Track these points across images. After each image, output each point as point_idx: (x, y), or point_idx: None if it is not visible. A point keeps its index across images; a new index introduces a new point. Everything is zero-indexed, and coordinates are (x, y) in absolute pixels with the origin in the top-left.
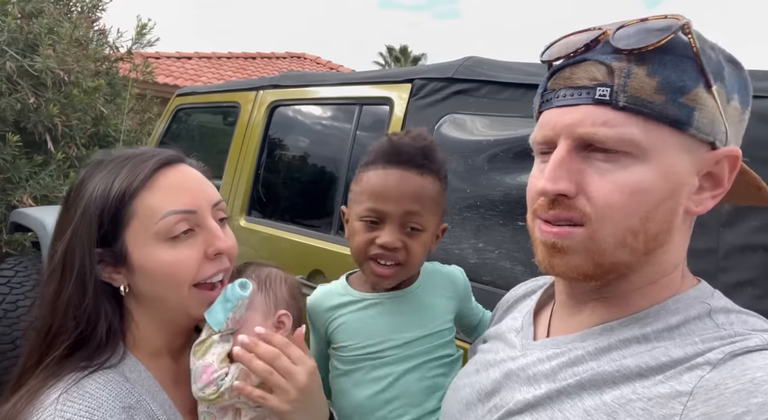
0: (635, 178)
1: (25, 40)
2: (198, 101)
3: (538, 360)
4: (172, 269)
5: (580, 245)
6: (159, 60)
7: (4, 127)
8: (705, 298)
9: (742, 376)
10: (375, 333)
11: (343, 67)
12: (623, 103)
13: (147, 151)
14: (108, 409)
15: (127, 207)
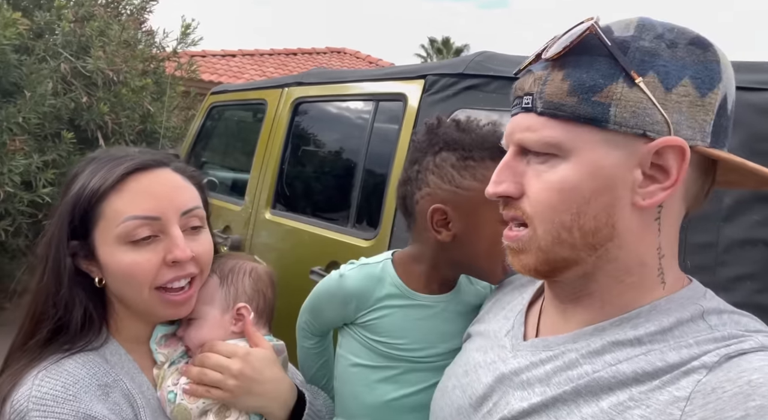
0: (561, 177)
1: (78, 42)
2: (230, 99)
3: (531, 364)
4: (131, 271)
5: (527, 245)
6: (205, 58)
7: (59, 125)
8: (697, 298)
9: (739, 379)
10: (422, 336)
11: (382, 61)
12: (540, 109)
13: (131, 153)
14: (83, 386)
15: (96, 207)
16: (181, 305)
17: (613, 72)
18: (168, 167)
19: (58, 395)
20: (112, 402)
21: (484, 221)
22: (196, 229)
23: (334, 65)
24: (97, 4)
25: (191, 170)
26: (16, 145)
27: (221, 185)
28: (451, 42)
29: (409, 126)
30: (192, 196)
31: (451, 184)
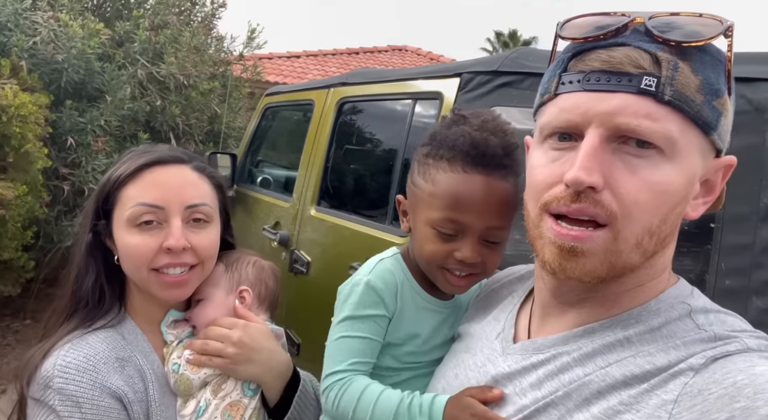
0: (664, 178)
1: (153, 49)
2: (282, 100)
3: (523, 368)
4: (132, 251)
5: (600, 248)
6: (271, 60)
7: (136, 127)
8: (684, 297)
9: (724, 381)
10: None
11: (443, 58)
12: (669, 97)
13: (158, 149)
14: (103, 358)
15: (116, 192)
16: (175, 287)
17: (725, 81)
18: (187, 165)
19: (80, 365)
20: (127, 375)
21: (418, 219)
22: (200, 223)
23: (395, 63)
24: (171, 12)
25: (210, 170)
26: (98, 145)
27: (274, 183)
28: (519, 34)
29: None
30: (201, 193)
31: (410, 176)
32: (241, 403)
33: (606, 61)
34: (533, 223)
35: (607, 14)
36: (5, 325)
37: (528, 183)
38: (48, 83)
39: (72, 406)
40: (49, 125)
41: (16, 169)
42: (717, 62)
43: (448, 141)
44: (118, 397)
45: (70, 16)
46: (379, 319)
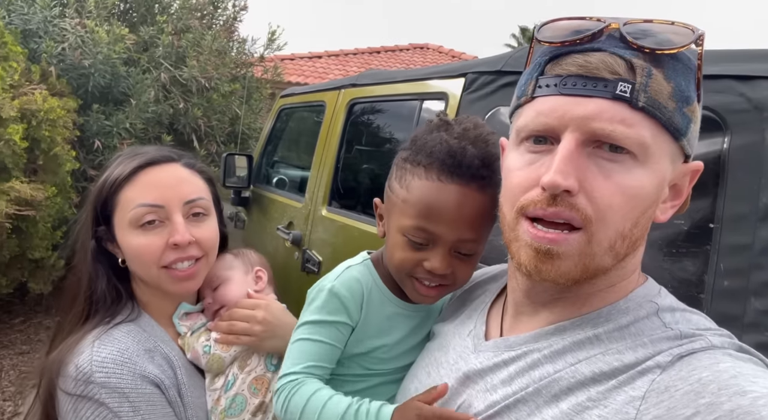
0: (637, 182)
1: (176, 53)
2: (296, 101)
3: (494, 365)
4: (140, 251)
5: (575, 251)
6: (293, 61)
7: (160, 129)
8: (652, 296)
9: (690, 377)
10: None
11: (465, 55)
12: (642, 104)
13: (147, 150)
14: (134, 351)
15: (114, 196)
16: (186, 280)
17: (695, 89)
18: (177, 162)
19: (116, 359)
20: (157, 363)
21: (391, 225)
22: (199, 216)
23: (416, 62)
24: (194, 17)
25: (200, 165)
26: (124, 147)
27: (289, 183)
28: None
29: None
30: (196, 188)
31: (388, 179)
32: (265, 377)
33: (582, 65)
34: (509, 226)
35: (583, 19)
36: (37, 321)
37: (504, 185)
38: (76, 88)
39: (119, 397)
40: (76, 128)
41: (45, 171)
42: (688, 70)
43: (426, 147)
44: (156, 384)
45: (96, 23)
46: (340, 326)
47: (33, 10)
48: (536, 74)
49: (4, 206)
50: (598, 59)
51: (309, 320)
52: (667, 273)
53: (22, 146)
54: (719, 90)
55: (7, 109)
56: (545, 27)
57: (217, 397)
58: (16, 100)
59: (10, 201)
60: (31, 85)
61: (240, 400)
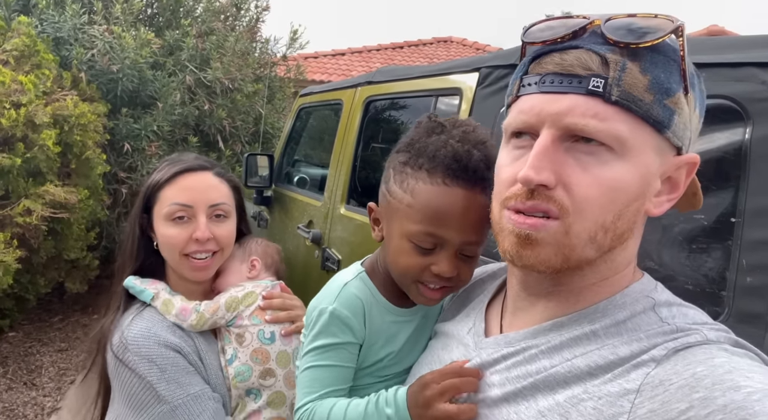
0: (615, 175)
1: (201, 55)
2: (314, 100)
3: (494, 360)
4: (167, 240)
5: (552, 238)
6: (317, 58)
7: (186, 131)
8: (649, 291)
9: (685, 372)
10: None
11: (489, 47)
12: (615, 98)
13: (186, 160)
14: (159, 326)
15: (156, 193)
16: (201, 270)
17: (679, 80)
18: (210, 171)
19: (144, 333)
20: (178, 335)
21: (394, 231)
22: (220, 218)
23: (440, 55)
24: (217, 19)
25: (228, 175)
26: (152, 149)
27: (309, 182)
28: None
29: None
30: (221, 194)
31: (385, 183)
32: (263, 349)
33: (558, 63)
34: (495, 220)
35: (570, 17)
36: (74, 320)
37: (495, 182)
38: (105, 93)
39: (148, 363)
40: (107, 132)
41: (78, 174)
42: (670, 61)
43: (428, 150)
44: (177, 350)
45: (123, 28)
46: (348, 346)
47: (63, 19)
48: (521, 74)
49: (40, 209)
50: (573, 56)
51: (315, 346)
52: (687, 269)
53: (55, 151)
54: (740, 78)
55: (41, 116)
56: (532, 28)
57: (224, 364)
58: (49, 107)
59: (45, 204)
60: (63, 92)
61: (245, 369)
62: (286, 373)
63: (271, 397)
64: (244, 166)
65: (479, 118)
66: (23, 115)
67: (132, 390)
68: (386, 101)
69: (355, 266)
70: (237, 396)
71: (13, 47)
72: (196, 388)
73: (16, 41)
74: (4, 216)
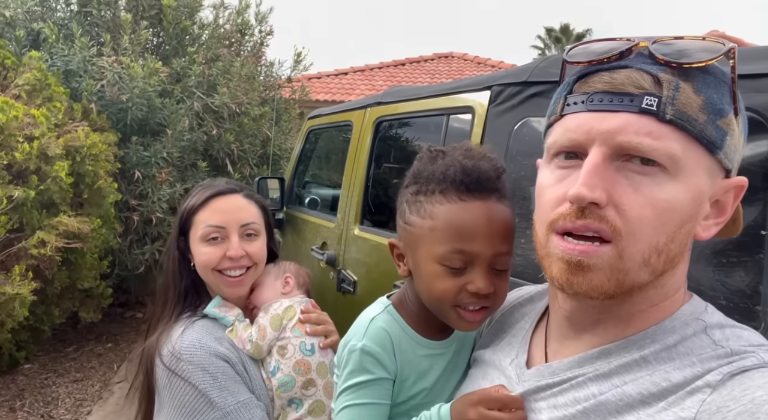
0: (668, 195)
1: (207, 82)
2: (323, 122)
3: (537, 388)
4: (203, 258)
5: (606, 264)
6: (320, 79)
7: (195, 156)
8: (699, 313)
9: (743, 397)
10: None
11: (490, 61)
12: (670, 116)
13: (217, 184)
14: (208, 338)
15: (192, 217)
16: (235, 285)
17: (730, 101)
18: (239, 193)
19: (196, 344)
20: (225, 346)
21: (421, 258)
22: (251, 236)
23: (441, 70)
24: (222, 45)
25: (257, 196)
26: (162, 176)
27: (321, 204)
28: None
29: (476, 139)
30: (251, 214)
31: (401, 218)
32: (304, 360)
33: (608, 82)
34: (541, 243)
35: (613, 40)
36: (89, 349)
37: (537, 204)
38: (115, 122)
39: (201, 371)
40: (117, 161)
41: (90, 204)
42: (721, 83)
43: (436, 174)
44: (226, 360)
45: (131, 58)
46: (382, 382)
47: (73, 52)
48: (565, 93)
49: (54, 240)
50: (624, 75)
51: (349, 385)
52: (719, 284)
53: (68, 182)
54: (762, 89)
55: (53, 148)
56: (576, 48)
57: (267, 376)
58: (61, 139)
59: (59, 235)
60: (74, 123)
61: (288, 380)
62: (325, 382)
63: (312, 406)
64: (255, 189)
65: (492, 136)
66: (36, 148)
67: (185, 398)
68: (397, 121)
69: (381, 300)
70: (279, 406)
71: (25, 82)
72: (245, 396)
73: (28, 76)
74: (19, 249)
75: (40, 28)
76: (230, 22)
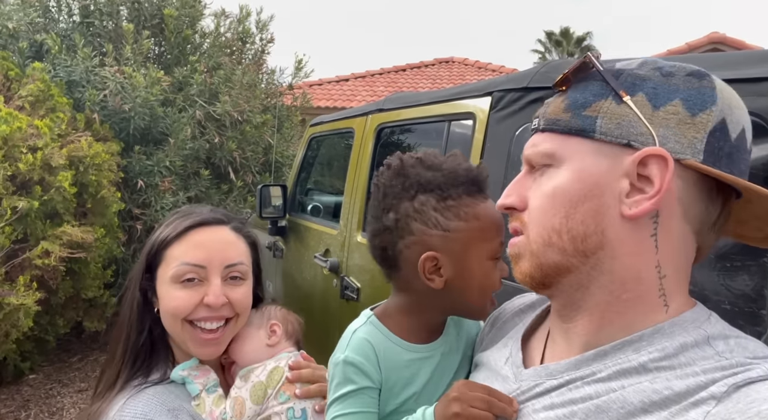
0: (555, 183)
1: (209, 90)
2: (325, 129)
3: (536, 394)
4: (173, 303)
5: (522, 250)
6: (321, 85)
7: (198, 165)
8: (701, 322)
9: (749, 410)
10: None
11: (491, 65)
12: (542, 126)
13: (200, 212)
14: (157, 411)
15: (162, 252)
16: (208, 344)
17: (604, 92)
18: (227, 225)
19: (137, 417)
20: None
21: (474, 259)
22: (236, 280)
23: (442, 76)
24: (224, 54)
25: (246, 230)
26: (165, 185)
27: (324, 211)
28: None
29: (478, 145)
30: (239, 252)
31: (437, 228)
32: None
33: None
34: None
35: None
36: (93, 358)
37: None
38: (118, 131)
39: None
40: (120, 170)
41: (94, 213)
42: (591, 82)
43: (449, 180)
44: None
45: (134, 68)
46: (367, 390)
47: (75, 62)
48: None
49: (58, 250)
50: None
51: (336, 397)
52: (723, 288)
53: (71, 192)
54: (763, 93)
55: (57, 158)
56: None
57: None
58: (65, 149)
59: (63, 245)
60: (77, 133)
61: None
62: None
63: None
64: (257, 197)
65: (494, 142)
66: (40, 159)
67: None
68: (398, 127)
69: (365, 313)
70: None
71: (29, 93)
72: None
73: (31, 87)
74: (24, 259)
75: (43, 39)
76: (231, 30)
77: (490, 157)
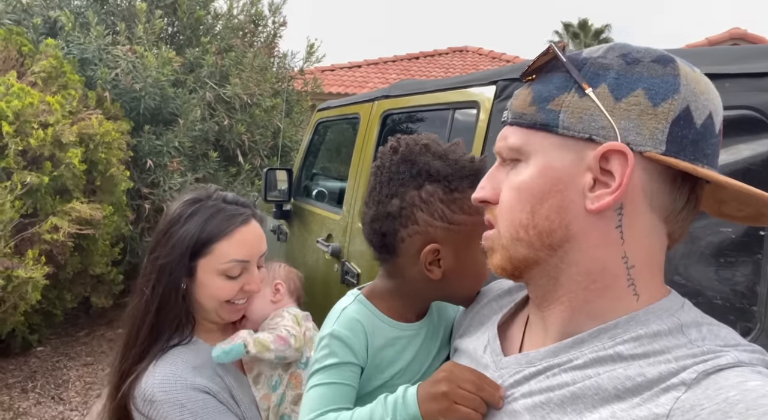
0: (521, 178)
1: (220, 72)
2: (332, 115)
3: (515, 382)
4: (219, 293)
5: (494, 244)
6: (333, 71)
7: (207, 146)
8: (675, 310)
9: (717, 396)
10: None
11: (505, 56)
12: (510, 120)
13: (234, 208)
14: (182, 369)
15: (209, 245)
16: (238, 312)
17: (567, 84)
18: (255, 219)
19: (169, 378)
20: (205, 375)
21: (474, 253)
22: (260, 266)
23: (456, 65)
24: (236, 36)
25: (260, 216)
26: (174, 165)
27: (328, 196)
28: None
29: (481, 134)
30: (265, 241)
31: (443, 220)
32: (297, 372)
33: None
34: None
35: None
36: (100, 334)
37: None
38: (128, 111)
39: (179, 408)
40: (130, 149)
41: (103, 191)
42: (555, 74)
43: (456, 171)
44: (205, 391)
45: (146, 48)
46: (349, 365)
47: (88, 40)
48: None
49: (67, 226)
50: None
51: (319, 367)
52: (715, 283)
53: (81, 169)
54: (763, 88)
55: (67, 135)
56: None
57: (264, 394)
58: (75, 126)
59: (71, 221)
60: (88, 111)
61: (283, 395)
62: None
63: None
64: (263, 180)
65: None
66: (51, 135)
67: None
68: (404, 115)
69: (352, 292)
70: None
71: (41, 69)
72: None
73: (44, 63)
74: (33, 233)
75: (56, 16)
76: (244, 12)
77: (493, 145)
